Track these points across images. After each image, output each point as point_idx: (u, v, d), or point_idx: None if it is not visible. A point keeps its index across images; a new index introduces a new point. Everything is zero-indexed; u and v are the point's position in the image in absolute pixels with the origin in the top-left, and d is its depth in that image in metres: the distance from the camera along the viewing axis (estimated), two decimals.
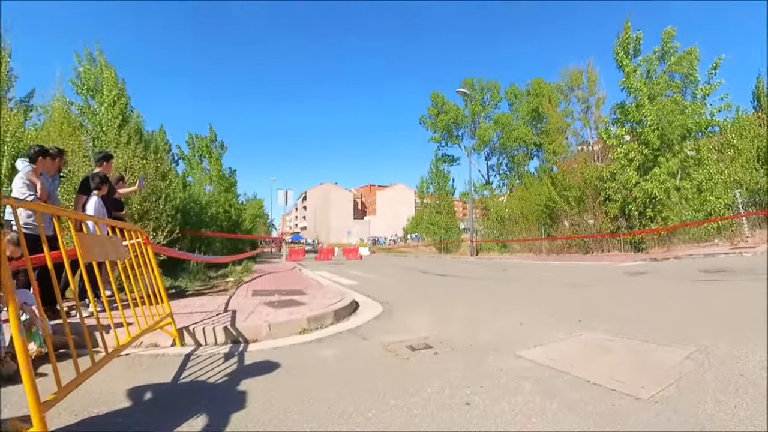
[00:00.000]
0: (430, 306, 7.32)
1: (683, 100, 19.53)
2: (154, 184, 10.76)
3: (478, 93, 47.42)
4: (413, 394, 3.02)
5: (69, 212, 4.04)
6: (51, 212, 3.16)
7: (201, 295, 8.31)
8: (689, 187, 18.98)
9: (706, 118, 19.43)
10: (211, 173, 27.84)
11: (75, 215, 4.11)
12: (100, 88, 11.90)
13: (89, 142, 10.75)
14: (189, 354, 4.27)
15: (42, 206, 3.76)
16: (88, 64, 12.04)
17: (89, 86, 11.95)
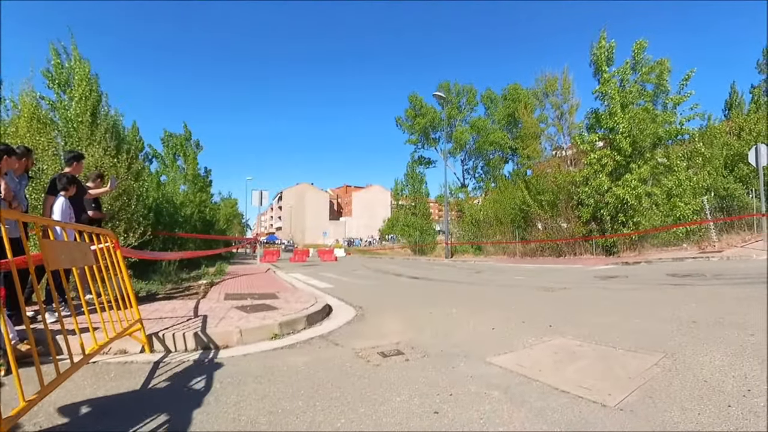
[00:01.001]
0: (404, 310, 7.34)
1: (654, 109, 19.94)
2: (125, 184, 10.51)
3: (454, 96, 47.69)
4: (383, 402, 3.02)
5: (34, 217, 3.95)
6: (15, 218, 3.10)
7: (172, 298, 8.17)
8: (659, 193, 19.39)
9: (676, 127, 19.87)
10: (186, 172, 27.44)
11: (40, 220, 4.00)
12: (71, 83, 11.56)
13: (59, 139, 10.49)
14: (158, 361, 4.20)
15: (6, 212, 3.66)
16: (58, 58, 11.68)
17: (61, 81, 11.56)
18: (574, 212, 22.49)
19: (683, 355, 3.85)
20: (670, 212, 19.19)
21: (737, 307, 5.91)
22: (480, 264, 21.83)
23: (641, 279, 10.45)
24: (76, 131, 10.62)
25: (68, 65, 11.61)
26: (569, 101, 29.00)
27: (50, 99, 11.52)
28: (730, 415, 2.59)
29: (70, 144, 10.28)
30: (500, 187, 32.80)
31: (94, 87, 11.59)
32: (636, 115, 19.28)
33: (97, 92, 11.65)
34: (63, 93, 11.54)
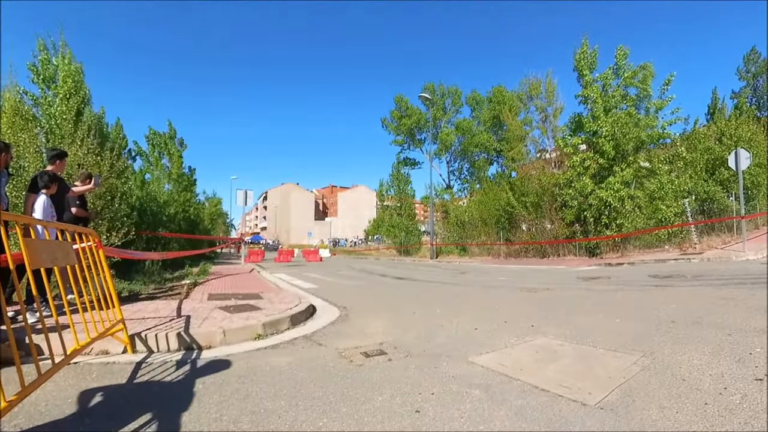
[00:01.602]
0: (387, 310, 7.34)
1: (637, 114, 20.18)
2: (109, 182, 10.37)
3: (439, 98, 47.86)
4: (365, 402, 3.03)
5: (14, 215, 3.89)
6: None
7: (155, 298, 8.09)
8: (642, 195, 19.61)
9: (658, 131, 20.13)
10: (170, 171, 27.19)
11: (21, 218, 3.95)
12: (57, 79, 11.31)
13: (42, 136, 10.33)
14: (140, 362, 4.16)
15: None
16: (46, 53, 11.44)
17: (46, 76, 11.34)
18: (558, 214, 22.67)
19: (662, 355, 3.90)
20: (652, 215, 19.43)
21: (716, 308, 6.00)
22: (464, 265, 21.90)
23: (623, 280, 10.56)
24: (59, 128, 10.43)
25: (56, 61, 11.41)
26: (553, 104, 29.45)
27: (33, 94, 11.32)
28: (707, 413, 2.64)
29: (52, 141, 10.12)
30: (485, 189, 32.95)
31: (80, 84, 11.41)
32: (619, 119, 19.50)
33: (83, 90, 11.47)
34: (48, 89, 11.35)
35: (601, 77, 20.99)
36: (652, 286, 9.05)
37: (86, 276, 4.05)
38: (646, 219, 19.45)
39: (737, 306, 6.01)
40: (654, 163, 20.32)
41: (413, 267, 21.59)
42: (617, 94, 20.42)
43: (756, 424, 2.47)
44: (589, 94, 20.83)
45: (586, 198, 20.35)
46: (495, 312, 6.76)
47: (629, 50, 20.72)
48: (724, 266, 12.16)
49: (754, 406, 2.71)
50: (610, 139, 19.59)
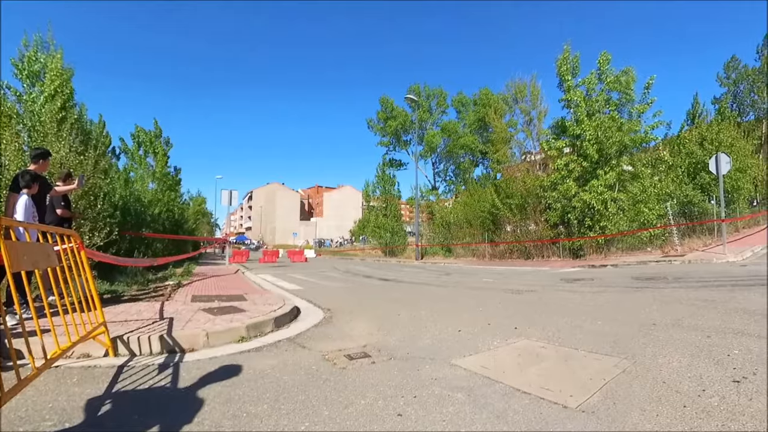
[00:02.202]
0: (372, 312, 7.34)
1: (620, 118, 20.43)
2: (92, 182, 10.20)
3: (425, 100, 48.02)
4: (347, 405, 3.02)
5: None
6: None
7: (138, 300, 7.96)
8: (625, 198, 19.83)
9: (641, 135, 20.38)
10: (155, 170, 26.91)
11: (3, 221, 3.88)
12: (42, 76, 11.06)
13: (24, 134, 10.15)
14: (122, 365, 4.10)
15: None
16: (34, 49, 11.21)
17: (30, 72, 11.08)
18: (542, 216, 22.86)
19: (643, 357, 3.95)
20: (635, 217, 19.67)
21: (696, 310, 6.09)
22: (450, 266, 21.97)
23: (606, 282, 10.66)
24: (42, 126, 10.19)
25: (43, 58, 11.20)
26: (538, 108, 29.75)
27: (17, 90, 11.11)
28: (686, 416, 2.67)
29: (35, 139, 9.95)
30: (470, 190, 33.12)
31: (66, 83, 11.21)
32: (602, 123, 19.71)
33: (69, 88, 11.28)
34: (33, 86, 11.15)
35: (584, 82, 21.21)
36: (634, 288, 9.14)
37: (68, 278, 3.99)
38: (628, 221, 19.68)
39: (717, 308, 6.10)
40: (637, 166, 20.57)
41: (398, 268, 21.60)
42: (601, 99, 20.65)
43: (733, 426, 2.50)
44: (572, 98, 21.05)
45: (570, 200, 20.54)
46: (479, 314, 6.79)
47: (611, 56, 21.01)
48: (705, 268, 12.33)
49: (731, 408, 2.75)
50: (594, 142, 19.79)
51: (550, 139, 22.60)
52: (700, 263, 13.72)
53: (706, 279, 9.70)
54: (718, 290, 7.83)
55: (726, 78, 41.81)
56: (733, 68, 41.48)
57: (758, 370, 3.43)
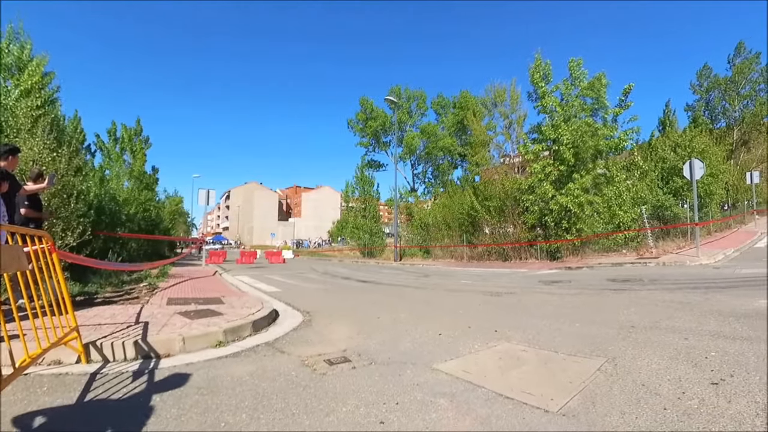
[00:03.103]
0: (352, 315, 7.29)
1: (595, 123, 20.74)
2: (65, 180, 9.90)
3: (405, 101, 48.12)
4: (328, 413, 2.97)
5: None
6: None
7: (112, 303, 7.76)
8: (601, 201, 20.12)
9: (616, 140, 20.72)
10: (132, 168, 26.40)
11: None
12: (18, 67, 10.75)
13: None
14: (95, 373, 3.97)
15: None
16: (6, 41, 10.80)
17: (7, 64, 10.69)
18: (520, 218, 23.05)
19: (623, 359, 3.98)
20: (610, 220, 19.98)
21: (672, 312, 6.18)
22: (428, 267, 22.02)
23: (583, 283, 10.78)
24: (15, 121, 9.86)
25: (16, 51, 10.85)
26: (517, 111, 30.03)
27: None
28: (666, 418, 2.69)
29: (6, 135, 9.63)
30: (449, 192, 33.28)
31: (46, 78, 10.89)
32: (579, 128, 19.98)
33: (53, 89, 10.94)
34: (8, 80, 10.79)
35: (558, 88, 21.52)
36: (612, 290, 9.25)
37: (38, 280, 3.86)
38: (604, 224, 19.97)
39: (692, 310, 6.20)
40: (612, 170, 20.88)
41: (377, 269, 21.57)
42: (576, 104, 20.94)
43: (714, 428, 2.53)
44: (547, 104, 21.31)
45: (547, 203, 20.76)
46: (459, 316, 6.78)
47: (582, 60, 21.33)
48: (679, 270, 12.55)
49: (711, 410, 2.77)
50: (570, 147, 20.04)
51: (527, 143, 22.83)
52: (675, 265, 13.95)
53: (681, 281, 9.87)
54: (693, 292, 7.96)
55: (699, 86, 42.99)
56: (705, 77, 42.70)
57: (735, 372, 3.47)
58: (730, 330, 4.87)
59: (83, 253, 9.95)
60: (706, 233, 22.71)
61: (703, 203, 24.23)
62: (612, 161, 21.57)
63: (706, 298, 7.19)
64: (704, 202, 24.90)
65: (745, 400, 2.90)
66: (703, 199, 24.76)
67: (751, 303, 6.48)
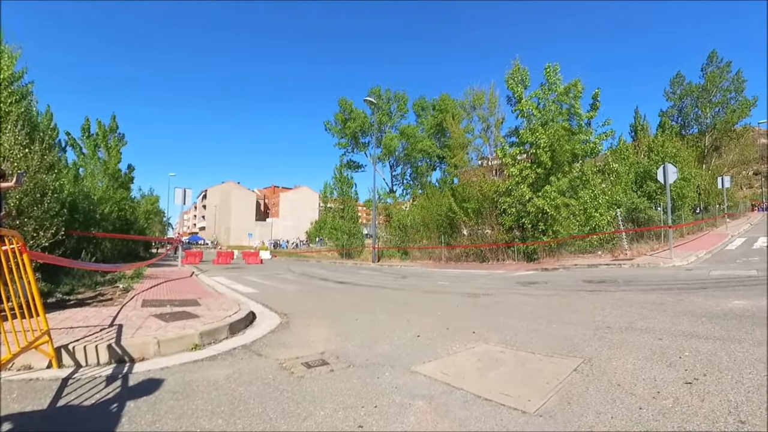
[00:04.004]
0: (329, 317, 7.25)
1: (571, 127, 21.03)
2: (38, 178, 9.60)
3: (385, 103, 48.12)
4: (306, 417, 2.94)
5: None
6: None
7: (85, 305, 7.59)
8: (577, 204, 20.36)
9: (591, 143, 21.04)
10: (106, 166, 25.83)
11: None
12: None
13: None
14: (67, 378, 3.86)
15: None
16: None
17: None
18: (497, 220, 23.22)
19: (599, 360, 4.02)
20: (586, 222, 20.25)
21: (647, 312, 6.28)
22: (406, 269, 22.04)
23: (560, 284, 10.89)
24: None
25: None
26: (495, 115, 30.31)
27: None
28: (641, 417, 2.73)
29: None
30: (427, 194, 33.37)
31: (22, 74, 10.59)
32: (555, 132, 20.23)
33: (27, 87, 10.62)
34: None
35: (536, 94, 21.76)
36: (587, 291, 9.35)
37: (8, 281, 3.75)
38: (580, 226, 20.23)
39: (666, 311, 6.30)
40: (588, 174, 21.17)
41: (355, 270, 21.53)
42: (553, 108, 21.21)
43: (688, 426, 2.57)
44: (525, 108, 21.55)
45: (525, 205, 20.95)
46: (437, 318, 6.80)
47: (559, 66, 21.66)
48: (653, 272, 12.76)
49: (685, 409, 2.82)
50: (547, 150, 20.28)
51: (505, 146, 23.03)
52: (649, 267, 14.17)
53: (655, 282, 10.03)
54: (666, 293, 8.10)
55: (672, 93, 44.10)
56: (678, 84, 43.85)
57: (708, 371, 3.54)
58: (703, 330, 4.96)
59: (56, 254, 9.71)
60: (679, 236, 23.16)
61: (676, 206, 24.75)
62: (588, 165, 21.85)
63: (679, 299, 7.31)
64: (677, 205, 25.47)
65: (718, 399, 2.96)
66: (676, 202, 25.33)
67: (723, 304, 6.60)
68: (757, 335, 4.59)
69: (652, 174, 24.35)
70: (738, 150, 40.96)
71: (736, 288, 8.27)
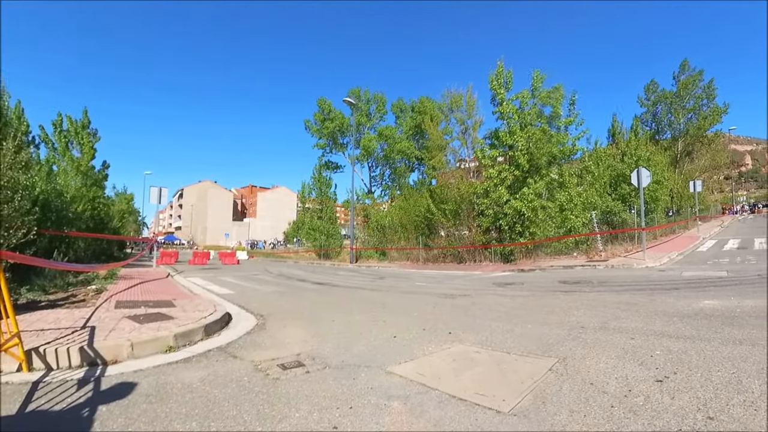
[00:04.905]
0: (306, 318, 7.21)
1: (550, 131, 21.28)
2: (9, 175, 9.33)
3: (365, 104, 48.07)
4: (281, 419, 2.92)
5: None
6: None
7: (57, 306, 7.44)
8: (553, 206, 20.59)
9: (569, 147, 21.34)
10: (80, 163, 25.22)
11: None
12: None
13: None
14: (37, 381, 3.78)
15: None
16: None
17: None
18: (475, 221, 23.32)
19: (573, 359, 4.07)
20: (562, 224, 20.51)
21: (620, 312, 6.38)
22: (384, 270, 22.03)
23: (536, 285, 10.99)
24: None
25: None
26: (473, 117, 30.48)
27: None
28: (613, 415, 2.77)
29: None
30: (406, 195, 33.42)
31: None
32: (533, 134, 20.44)
33: None
34: None
35: (517, 96, 21.96)
36: (562, 292, 9.46)
37: None
38: (556, 228, 20.47)
39: (639, 311, 6.41)
40: (564, 176, 21.43)
41: (333, 271, 21.46)
42: (533, 112, 21.44)
43: (658, 423, 2.62)
44: (505, 111, 21.72)
45: (502, 207, 21.09)
46: (413, 319, 6.81)
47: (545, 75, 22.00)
48: (627, 273, 12.95)
49: (656, 406, 2.87)
50: (525, 153, 20.48)
51: (484, 148, 23.18)
52: (622, 268, 14.38)
53: (629, 283, 10.19)
54: (639, 294, 8.24)
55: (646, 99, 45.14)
56: (652, 91, 44.92)
57: (678, 369, 3.61)
58: (674, 330, 5.06)
59: (27, 254, 9.47)
60: (652, 238, 23.58)
61: (649, 209, 25.23)
62: (565, 168, 22.11)
63: (651, 300, 7.44)
64: (650, 208, 25.96)
65: (688, 396, 3.02)
66: (650, 205, 25.82)
67: (694, 304, 6.74)
68: (726, 334, 4.70)
69: (626, 177, 24.80)
70: (709, 155, 42.01)
71: (706, 289, 8.45)
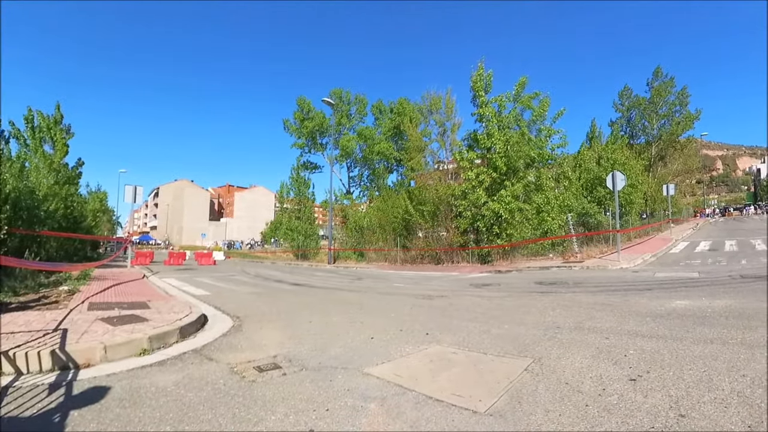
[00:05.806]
0: (283, 319, 7.16)
1: (529, 134, 21.54)
2: None
3: (345, 105, 48.03)
4: (257, 422, 2.89)
5: None
6: None
7: (27, 308, 7.22)
8: (530, 208, 20.83)
9: (547, 151, 21.64)
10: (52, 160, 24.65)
11: None
12: None
13: None
14: (6, 386, 3.67)
15: None
16: None
17: None
18: (453, 223, 23.46)
19: (548, 359, 4.12)
20: (538, 226, 20.75)
21: (595, 313, 6.47)
22: (362, 270, 22.00)
23: (512, 286, 11.08)
24: None
25: None
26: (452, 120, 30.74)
27: None
28: (588, 414, 2.81)
29: None
30: (384, 196, 33.44)
31: None
32: (512, 137, 20.65)
33: None
34: None
35: (497, 99, 22.14)
36: (539, 292, 9.55)
37: None
38: (533, 229, 20.70)
39: (613, 311, 6.51)
40: (542, 179, 21.68)
41: (310, 272, 21.38)
42: (511, 116, 21.68)
43: (632, 422, 2.66)
44: (484, 113, 21.88)
45: (480, 209, 21.24)
46: (391, 320, 6.81)
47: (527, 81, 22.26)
48: (602, 274, 13.13)
49: (629, 405, 2.92)
50: (503, 155, 20.66)
51: (462, 150, 23.31)
52: (598, 269, 14.58)
53: (603, 284, 10.34)
54: (614, 294, 8.37)
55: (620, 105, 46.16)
56: (626, 97, 45.99)
57: (651, 368, 3.67)
58: (647, 329, 5.14)
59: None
60: (626, 239, 23.96)
61: (624, 212, 25.68)
62: (542, 171, 22.36)
63: (625, 300, 7.56)
64: (625, 210, 26.43)
65: (660, 394, 3.07)
66: (624, 207, 26.28)
67: (666, 304, 6.88)
68: (697, 333, 4.80)
69: (602, 180, 25.19)
70: (682, 160, 43.24)
71: (678, 289, 8.62)
